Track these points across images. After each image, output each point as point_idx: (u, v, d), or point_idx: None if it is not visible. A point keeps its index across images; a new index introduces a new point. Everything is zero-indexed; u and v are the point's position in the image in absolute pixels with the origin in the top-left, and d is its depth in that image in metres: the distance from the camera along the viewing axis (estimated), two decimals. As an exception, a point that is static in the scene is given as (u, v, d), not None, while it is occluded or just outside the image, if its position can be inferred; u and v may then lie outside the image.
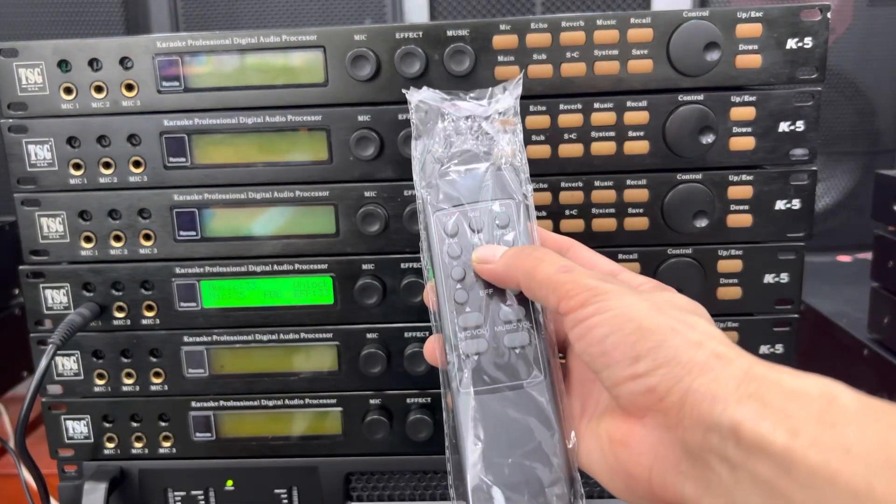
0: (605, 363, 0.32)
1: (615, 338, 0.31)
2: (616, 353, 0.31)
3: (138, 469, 0.58)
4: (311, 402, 0.56)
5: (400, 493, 0.58)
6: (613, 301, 0.32)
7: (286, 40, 0.51)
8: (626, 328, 0.31)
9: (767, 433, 0.25)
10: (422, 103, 0.44)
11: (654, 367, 0.30)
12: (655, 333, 0.31)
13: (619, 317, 0.32)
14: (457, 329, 0.38)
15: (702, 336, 0.31)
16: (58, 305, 0.55)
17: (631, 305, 0.32)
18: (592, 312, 0.32)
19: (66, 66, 0.52)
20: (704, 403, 0.28)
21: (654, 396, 0.30)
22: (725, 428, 0.27)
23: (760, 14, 0.49)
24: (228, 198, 0.53)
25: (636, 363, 0.31)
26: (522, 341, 0.38)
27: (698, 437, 0.28)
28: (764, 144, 0.51)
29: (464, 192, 0.41)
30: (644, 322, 0.31)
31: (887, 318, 0.69)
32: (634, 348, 0.31)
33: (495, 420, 0.36)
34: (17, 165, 0.53)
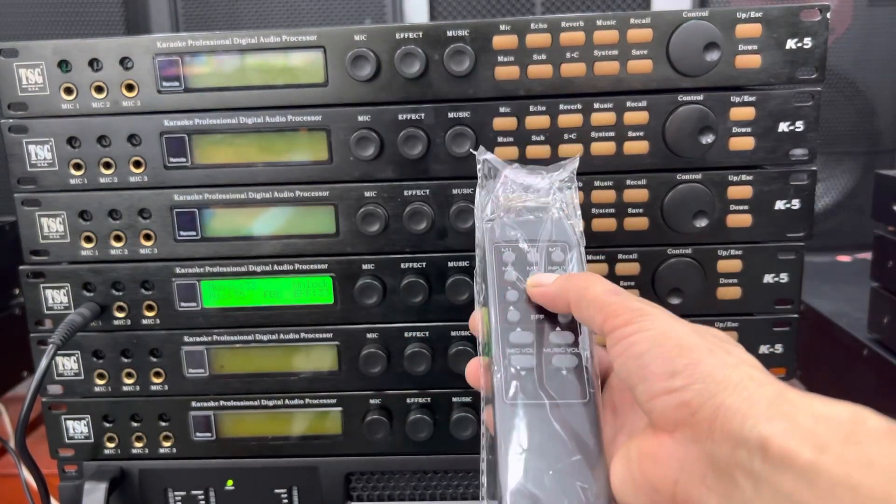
0: (642, 377, 0.33)
1: (654, 353, 0.33)
2: (654, 366, 0.33)
3: (138, 469, 0.58)
4: (311, 402, 0.56)
5: (400, 493, 0.58)
6: (656, 321, 0.34)
7: (286, 40, 0.51)
8: (666, 345, 0.33)
9: (794, 448, 0.26)
10: (488, 161, 0.46)
11: (690, 383, 0.31)
12: (693, 352, 0.32)
13: (660, 335, 0.33)
14: (507, 345, 0.40)
15: (738, 360, 0.32)
16: (58, 305, 0.55)
17: (672, 326, 0.34)
18: (635, 330, 0.34)
19: (66, 67, 0.52)
20: (736, 419, 0.29)
21: (687, 410, 0.31)
22: (754, 443, 0.28)
23: (760, 14, 0.49)
24: (228, 198, 0.53)
25: (672, 378, 0.32)
26: (570, 363, 0.39)
27: (727, 452, 0.29)
28: (764, 144, 0.51)
29: (523, 231, 0.43)
30: (683, 341, 0.33)
31: (887, 318, 0.69)
32: (672, 364, 0.32)
33: (538, 432, 0.37)
34: (18, 165, 0.53)
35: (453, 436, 0.55)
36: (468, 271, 0.53)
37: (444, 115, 0.51)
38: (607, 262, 0.53)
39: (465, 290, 0.53)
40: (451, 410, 0.56)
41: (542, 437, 0.37)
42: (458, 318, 0.54)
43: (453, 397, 0.56)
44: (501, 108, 0.51)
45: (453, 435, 0.55)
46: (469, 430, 0.55)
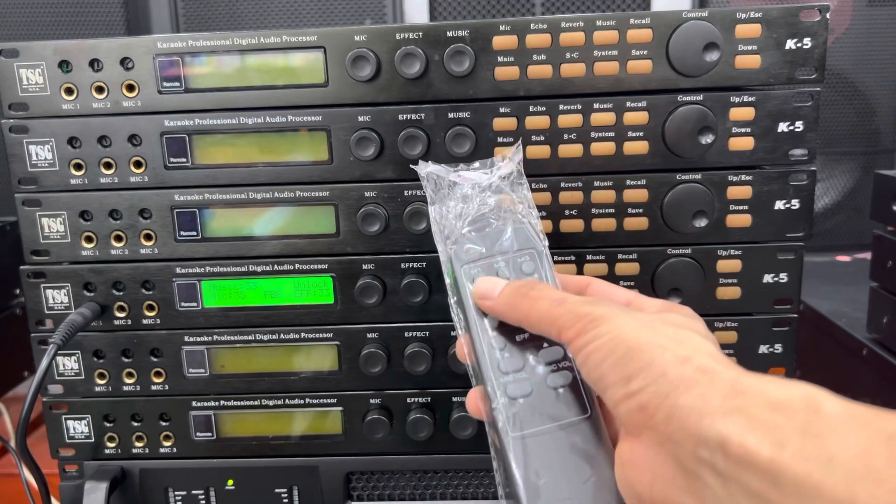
0: (604, 386, 0.33)
1: (610, 361, 0.33)
2: (611, 375, 0.32)
3: (139, 469, 0.58)
4: (311, 401, 0.57)
5: (400, 492, 0.58)
6: (607, 325, 0.34)
7: (286, 41, 0.51)
8: (619, 350, 0.32)
9: (753, 446, 0.26)
10: (430, 174, 0.46)
11: (645, 385, 0.31)
12: (644, 352, 0.32)
13: (611, 341, 0.33)
14: (498, 374, 0.39)
15: (690, 351, 0.31)
16: (59, 305, 0.55)
17: (622, 327, 0.33)
18: (588, 340, 0.34)
19: (66, 67, 0.52)
20: (691, 418, 0.29)
21: (645, 414, 0.31)
22: (713, 442, 0.27)
23: (759, 14, 0.49)
24: (229, 198, 0.53)
25: (629, 383, 0.32)
26: (565, 380, 0.38)
27: (689, 452, 0.29)
28: (763, 145, 0.51)
29: (487, 245, 0.42)
30: (633, 342, 0.32)
31: (886, 318, 0.69)
32: (626, 369, 0.32)
33: (548, 460, 0.37)
34: (19, 166, 0.53)
35: (453, 435, 0.55)
36: (468, 271, 0.53)
37: (444, 116, 0.51)
38: (607, 262, 0.53)
39: (465, 290, 0.53)
40: (451, 410, 0.56)
41: (555, 465, 0.36)
42: (458, 318, 0.54)
43: (453, 397, 0.56)
44: (501, 109, 0.51)
45: (453, 434, 0.55)
46: (469, 429, 0.55)
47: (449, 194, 0.44)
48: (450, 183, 0.45)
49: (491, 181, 0.44)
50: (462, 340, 0.42)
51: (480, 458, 0.57)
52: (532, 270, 0.41)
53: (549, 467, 0.36)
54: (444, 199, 0.44)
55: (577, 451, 0.37)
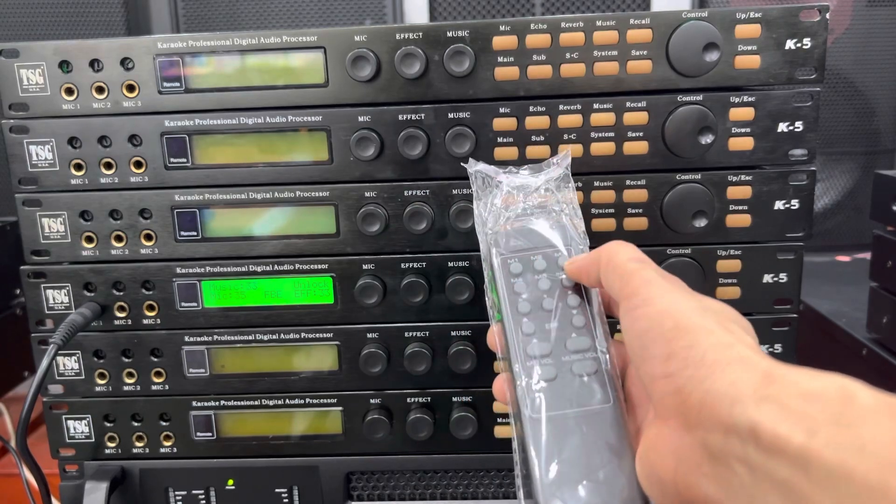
0: (643, 357, 0.33)
1: (654, 332, 0.32)
2: (653, 348, 0.32)
3: (139, 468, 0.58)
4: (311, 401, 0.57)
5: (400, 492, 0.58)
6: (662, 296, 0.34)
7: (286, 41, 0.51)
8: (665, 324, 0.32)
9: (785, 434, 0.26)
10: (478, 172, 0.47)
11: (682, 368, 0.31)
12: (690, 334, 0.31)
13: (661, 313, 0.33)
14: (526, 358, 0.40)
15: (734, 339, 0.31)
16: (59, 305, 0.55)
17: (676, 302, 0.33)
18: (639, 304, 0.34)
19: (67, 67, 0.52)
20: (724, 405, 0.28)
21: (679, 398, 0.31)
22: (744, 429, 0.27)
23: (759, 15, 0.49)
24: (229, 198, 0.53)
25: (668, 362, 0.31)
26: (590, 369, 0.39)
27: (719, 439, 0.29)
28: (763, 145, 0.51)
29: (527, 240, 0.43)
30: (682, 321, 0.32)
31: (886, 318, 0.69)
32: (669, 345, 0.32)
33: (567, 443, 0.37)
34: (19, 166, 0.53)
35: (453, 435, 0.55)
36: (468, 271, 0.53)
37: (444, 116, 0.51)
38: (607, 262, 0.53)
39: (465, 290, 0.53)
40: (451, 410, 0.56)
41: (572, 449, 0.37)
42: (458, 318, 0.54)
43: (453, 397, 0.56)
44: (501, 109, 0.51)
45: (453, 434, 0.55)
46: (469, 429, 0.55)
47: (495, 191, 0.46)
48: (497, 182, 0.46)
49: (538, 185, 0.46)
50: (494, 329, 0.43)
51: (480, 458, 0.57)
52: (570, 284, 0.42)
53: (565, 449, 0.37)
54: (489, 196, 0.46)
55: (595, 436, 0.37)
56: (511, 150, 0.51)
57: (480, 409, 0.56)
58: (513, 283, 0.42)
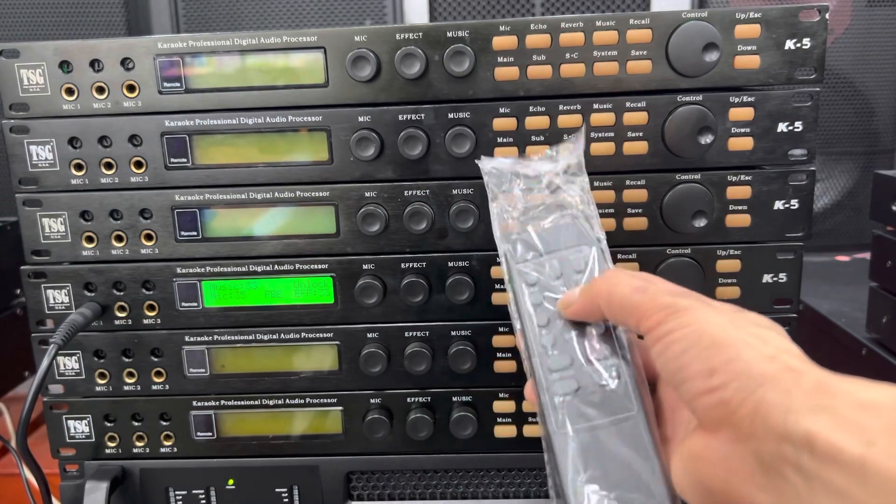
0: (682, 378, 0.33)
1: (692, 353, 0.32)
2: (692, 367, 0.32)
3: (139, 468, 0.58)
4: (311, 401, 0.57)
5: (400, 492, 0.58)
6: (690, 317, 0.33)
7: (287, 41, 0.51)
8: (703, 342, 0.32)
9: (842, 444, 0.26)
10: (493, 168, 0.46)
11: (728, 380, 0.30)
12: (730, 347, 0.31)
13: (695, 332, 0.33)
14: (546, 371, 0.39)
15: (775, 350, 0.31)
16: (59, 305, 0.55)
17: (707, 320, 0.33)
18: (670, 329, 0.33)
19: (67, 67, 0.52)
20: (777, 415, 0.28)
21: (727, 409, 0.30)
22: (799, 438, 0.27)
23: (759, 15, 0.49)
24: (229, 198, 0.53)
25: (711, 377, 0.31)
26: (612, 377, 0.39)
27: (772, 448, 0.28)
28: (762, 145, 0.51)
29: (541, 243, 0.43)
30: (719, 336, 0.32)
31: (886, 318, 0.69)
32: (709, 362, 0.31)
33: (595, 456, 0.37)
34: (19, 166, 0.53)
35: (453, 435, 0.55)
36: (468, 271, 0.53)
37: (444, 116, 0.51)
38: (607, 262, 0.53)
39: (465, 290, 0.53)
40: (451, 410, 0.56)
41: (599, 461, 0.37)
42: (458, 318, 0.54)
43: (453, 397, 0.56)
44: (501, 109, 0.51)
45: (453, 434, 0.55)
46: (469, 429, 0.55)
47: (509, 191, 0.45)
48: (511, 177, 0.45)
49: (556, 169, 0.45)
50: (518, 334, 0.42)
51: (480, 458, 0.57)
52: (582, 267, 0.42)
53: (595, 462, 0.37)
54: (504, 196, 0.45)
55: (622, 447, 0.37)
56: (511, 150, 0.52)
57: (480, 409, 0.56)
58: (529, 293, 0.42)
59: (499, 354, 0.55)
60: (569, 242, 0.42)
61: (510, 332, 0.54)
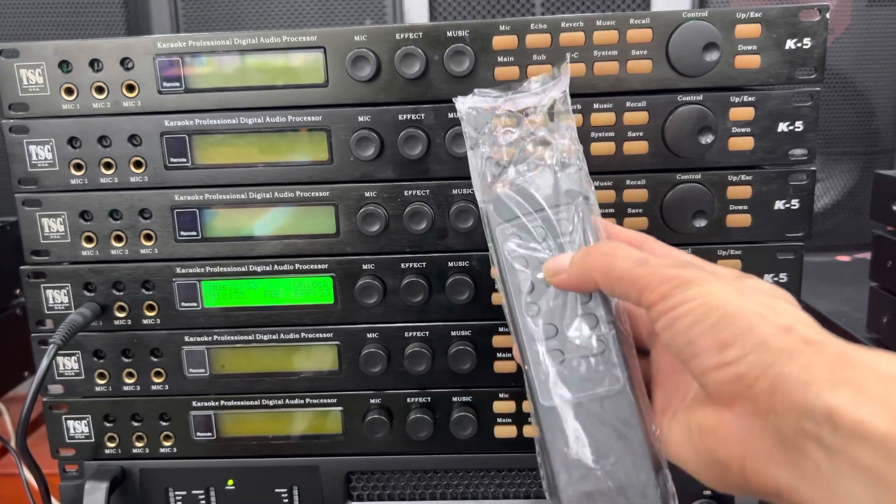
0: (692, 352, 0.31)
1: (701, 327, 0.31)
2: (703, 341, 0.31)
3: (139, 468, 0.58)
4: (311, 401, 0.57)
5: (400, 492, 0.58)
6: (696, 289, 0.32)
7: (286, 41, 0.51)
8: (712, 316, 0.31)
9: (867, 419, 0.25)
10: (471, 109, 0.43)
11: (743, 354, 0.29)
12: (742, 319, 0.30)
13: (703, 305, 0.31)
14: (530, 341, 0.38)
15: (790, 320, 0.30)
16: (59, 305, 0.55)
17: (715, 293, 0.31)
18: (676, 303, 0.32)
19: (66, 67, 0.52)
20: (797, 389, 0.27)
21: (742, 384, 0.29)
22: (820, 414, 0.26)
23: (759, 14, 0.49)
24: (229, 198, 0.53)
25: (724, 351, 0.30)
26: (598, 348, 0.38)
27: (792, 424, 0.27)
28: (763, 144, 0.51)
29: (524, 201, 0.40)
30: (729, 308, 0.31)
31: (886, 318, 0.69)
32: (721, 336, 0.30)
33: (581, 429, 0.36)
34: (19, 166, 0.53)
35: (453, 435, 0.55)
36: (468, 271, 0.53)
37: (444, 116, 0.51)
38: (607, 262, 0.53)
39: (465, 290, 0.53)
40: (451, 410, 0.56)
41: (586, 434, 0.36)
42: (458, 318, 0.54)
43: (453, 397, 0.56)
44: (501, 109, 0.51)
45: (453, 434, 0.55)
46: (469, 429, 0.55)
47: (489, 137, 0.42)
48: (490, 118, 0.42)
49: (541, 102, 0.42)
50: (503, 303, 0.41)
51: (480, 458, 0.57)
52: (570, 229, 0.39)
53: (581, 435, 0.36)
54: (483, 143, 0.42)
55: (611, 418, 0.36)
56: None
57: (480, 409, 0.56)
58: (512, 258, 0.39)
59: (499, 354, 0.55)
60: (554, 200, 0.40)
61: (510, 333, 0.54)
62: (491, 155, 0.42)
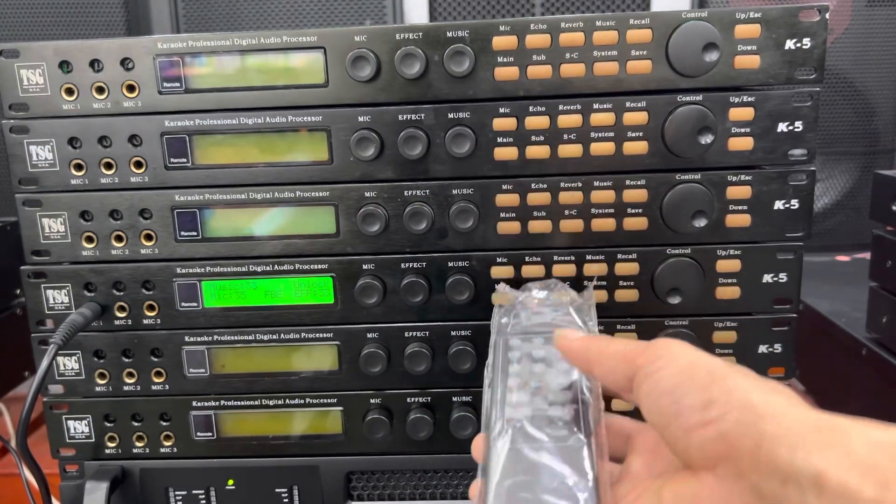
0: (674, 412, 0.31)
1: (686, 385, 0.31)
2: (687, 399, 0.31)
3: (139, 468, 0.58)
4: (311, 401, 0.57)
5: (400, 492, 0.58)
6: (681, 351, 0.33)
7: (287, 41, 0.51)
8: (697, 374, 0.31)
9: (854, 485, 0.24)
10: (503, 306, 0.49)
11: (727, 412, 0.29)
12: (727, 378, 0.30)
13: (691, 365, 0.32)
14: (505, 406, 0.39)
15: (773, 386, 0.30)
16: (59, 305, 0.55)
17: (699, 355, 0.33)
18: (663, 365, 0.33)
19: (67, 67, 0.52)
20: (782, 450, 0.27)
21: (725, 443, 0.29)
22: (806, 477, 0.26)
23: (759, 15, 0.49)
24: (229, 198, 0.53)
25: (708, 409, 0.30)
26: (567, 414, 0.38)
27: (775, 487, 0.27)
28: (762, 145, 0.51)
29: (534, 326, 0.44)
30: (715, 369, 0.31)
31: (886, 318, 0.69)
32: (706, 393, 0.30)
33: (526, 465, 0.36)
34: (19, 166, 0.53)
35: (453, 435, 0.55)
36: (468, 271, 0.53)
37: (444, 116, 0.51)
38: (607, 262, 0.53)
39: (465, 290, 0.53)
40: (451, 410, 0.56)
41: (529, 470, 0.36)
42: (458, 318, 0.54)
43: (453, 397, 0.56)
44: (501, 109, 0.51)
45: (453, 434, 0.55)
46: (469, 429, 0.55)
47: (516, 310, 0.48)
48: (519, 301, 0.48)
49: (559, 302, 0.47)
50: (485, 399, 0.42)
51: (480, 457, 0.57)
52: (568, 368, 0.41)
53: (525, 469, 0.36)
54: (510, 313, 0.47)
55: (560, 463, 0.36)
56: (511, 149, 0.51)
57: (480, 409, 0.56)
58: (509, 354, 0.43)
59: (499, 354, 0.55)
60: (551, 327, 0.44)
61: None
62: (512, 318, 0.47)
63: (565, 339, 0.40)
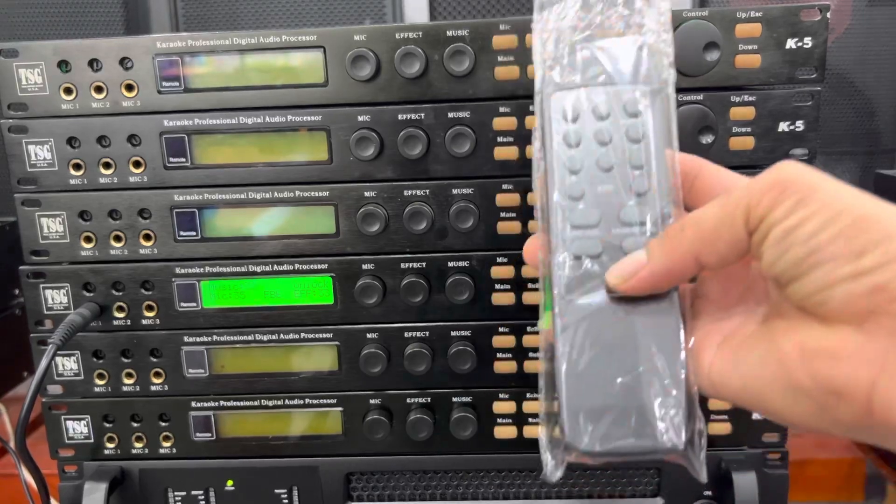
0: (814, 263, 0.27)
1: (828, 233, 0.27)
2: (832, 248, 0.27)
3: (138, 469, 0.58)
4: (311, 401, 0.56)
5: (400, 492, 0.58)
6: (815, 192, 0.28)
7: (286, 40, 0.51)
8: (842, 220, 0.27)
9: None
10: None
11: (885, 262, 0.26)
12: (881, 223, 0.26)
13: (829, 208, 0.27)
14: (567, 226, 0.33)
15: None
16: (58, 306, 0.55)
17: (839, 194, 0.28)
18: (793, 208, 0.28)
19: (66, 67, 0.52)
20: None
21: (883, 296, 0.26)
22: None
23: (760, 14, 0.49)
24: (228, 198, 0.53)
25: (860, 258, 0.26)
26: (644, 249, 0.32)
27: None
28: (763, 144, 0.51)
29: (592, 71, 0.34)
30: (863, 212, 0.27)
31: (887, 318, 0.69)
32: (856, 242, 0.26)
33: (603, 334, 0.31)
34: (18, 166, 0.53)
35: (453, 435, 0.55)
36: (468, 271, 0.53)
37: (443, 115, 0.51)
38: (607, 262, 0.53)
39: (465, 290, 0.53)
40: (451, 410, 0.56)
41: (607, 341, 0.31)
42: (458, 318, 0.54)
43: (453, 397, 0.56)
44: (501, 108, 0.51)
45: (453, 435, 0.55)
46: (469, 429, 0.55)
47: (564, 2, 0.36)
48: None
49: None
50: (537, 179, 0.35)
51: (480, 458, 0.57)
52: (636, 111, 0.33)
53: (602, 342, 0.31)
54: (552, 10, 0.36)
55: (640, 326, 0.31)
56: (511, 149, 0.51)
57: (480, 410, 0.56)
58: (564, 130, 0.34)
59: (499, 355, 0.55)
60: (627, 77, 0.34)
61: (510, 333, 0.54)
62: (559, 21, 0.36)
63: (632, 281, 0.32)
